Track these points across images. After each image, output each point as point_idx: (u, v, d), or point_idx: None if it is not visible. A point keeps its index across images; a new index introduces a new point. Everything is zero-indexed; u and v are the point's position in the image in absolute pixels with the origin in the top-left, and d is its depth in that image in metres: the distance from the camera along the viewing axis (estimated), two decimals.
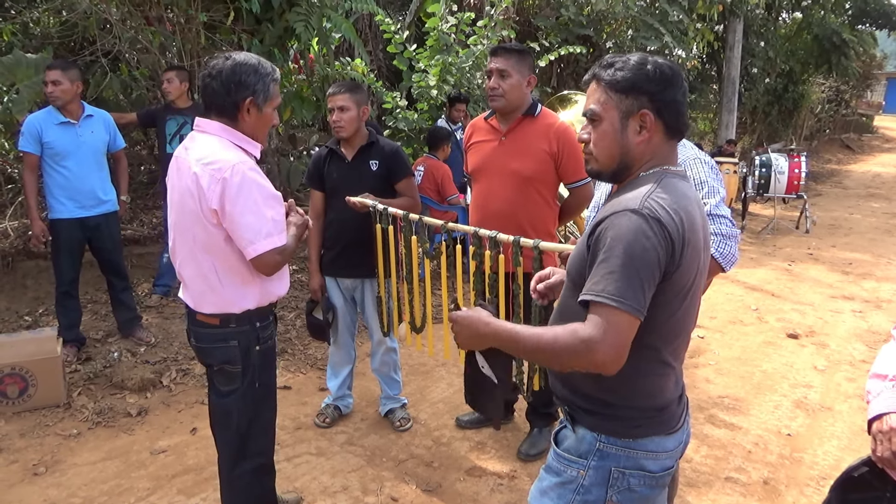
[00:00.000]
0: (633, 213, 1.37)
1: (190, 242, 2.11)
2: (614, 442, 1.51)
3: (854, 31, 16.11)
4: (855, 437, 3.54)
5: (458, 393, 3.96)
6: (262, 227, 2.03)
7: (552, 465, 1.62)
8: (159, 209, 5.34)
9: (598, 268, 1.38)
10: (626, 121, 1.48)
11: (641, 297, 1.35)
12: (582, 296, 1.39)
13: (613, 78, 1.48)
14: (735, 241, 2.18)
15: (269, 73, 2.11)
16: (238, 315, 2.17)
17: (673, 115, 1.48)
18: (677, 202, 1.41)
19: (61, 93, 3.82)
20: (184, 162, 2.09)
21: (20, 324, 4.50)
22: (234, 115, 2.09)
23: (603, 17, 9.06)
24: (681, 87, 1.49)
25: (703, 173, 2.26)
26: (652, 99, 1.46)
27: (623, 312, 1.34)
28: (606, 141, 1.51)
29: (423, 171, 5.55)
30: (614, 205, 1.43)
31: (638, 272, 1.35)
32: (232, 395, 2.24)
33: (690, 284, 1.46)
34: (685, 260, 1.41)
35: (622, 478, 1.51)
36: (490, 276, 2.68)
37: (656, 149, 1.50)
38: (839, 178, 15.22)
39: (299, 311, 4.97)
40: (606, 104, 1.49)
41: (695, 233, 1.43)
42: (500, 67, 2.90)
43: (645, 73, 1.46)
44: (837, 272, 6.98)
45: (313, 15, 4.98)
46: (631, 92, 1.47)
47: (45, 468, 3.11)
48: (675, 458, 1.59)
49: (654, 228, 1.36)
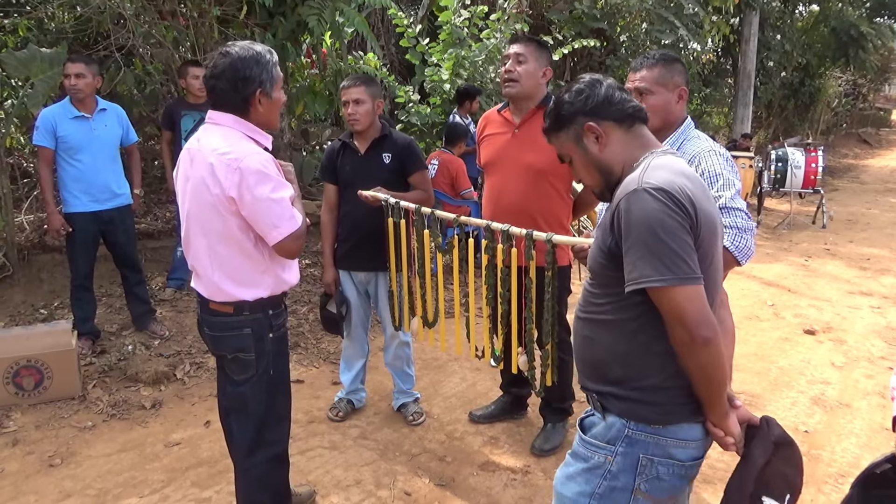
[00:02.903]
0: (634, 194, 1.43)
1: (205, 232, 2.14)
2: (643, 429, 1.52)
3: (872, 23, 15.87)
4: (874, 435, 3.50)
5: (471, 387, 3.95)
6: (284, 213, 2.07)
7: (578, 451, 1.63)
8: (173, 203, 5.36)
9: (629, 255, 1.43)
10: (583, 143, 1.60)
11: (683, 264, 1.38)
12: (630, 286, 1.43)
13: (547, 129, 1.67)
14: (751, 234, 2.14)
15: (269, 59, 2.12)
16: (251, 303, 2.19)
17: (611, 109, 1.58)
18: (671, 171, 1.47)
19: (85, 86, 3.85)
20: (198, 153, 2.11)
21: (36, 317, 4.53)
22: (246, 109, 2.12)
23: (617, 10, 8.98)
24: (600, 85, 1.60)
25: (719, 165, 2.22)
26: (584, 113, 1.58)
27: (678, 287, 1.37)
28: (585, 169, 1.64)
29: (437, 164, 5.52)
30: (617, 195, 1.50)
31: (666, 243, 1.38)
32: (247, 383, 2.25)
33: (713, 254, 1.49)
34: (701, 221, 1.43)
35: (651, 465, 1.52)
36: (502, 270, 2.66)
37: (623, 144, 1.59)
38: (856, 172, 15.04)
39: (312, 304, 4.97)
40: (563, 145, 1.65)
41: (699, 199, 1.45)
42: (518, 52, 2.88)
43: (563, 104, 1.61)
44: (855, 268, 6.89)
45: (326, 9, 4.97)
46: (564, 124, 1.62)
47: (60, 460, 3.13)
48: (704, 448, 1.58)
49: (661, 197, 1.40)
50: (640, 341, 1.51)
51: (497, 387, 3.68)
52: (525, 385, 3.45)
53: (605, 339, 1.57)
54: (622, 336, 1.53)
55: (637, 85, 2.29)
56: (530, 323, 2.61)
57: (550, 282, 2.47)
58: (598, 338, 1.59)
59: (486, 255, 2.72)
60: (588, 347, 1.63)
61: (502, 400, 3.56)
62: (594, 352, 1.61)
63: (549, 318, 2.54)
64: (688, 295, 1.37)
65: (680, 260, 1.37)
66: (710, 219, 1.46)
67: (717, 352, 1.41)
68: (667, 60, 2.29)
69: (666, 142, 2.33)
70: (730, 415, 1.51)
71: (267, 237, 2.10)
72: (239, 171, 2.01)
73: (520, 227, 2.57)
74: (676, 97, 2.31)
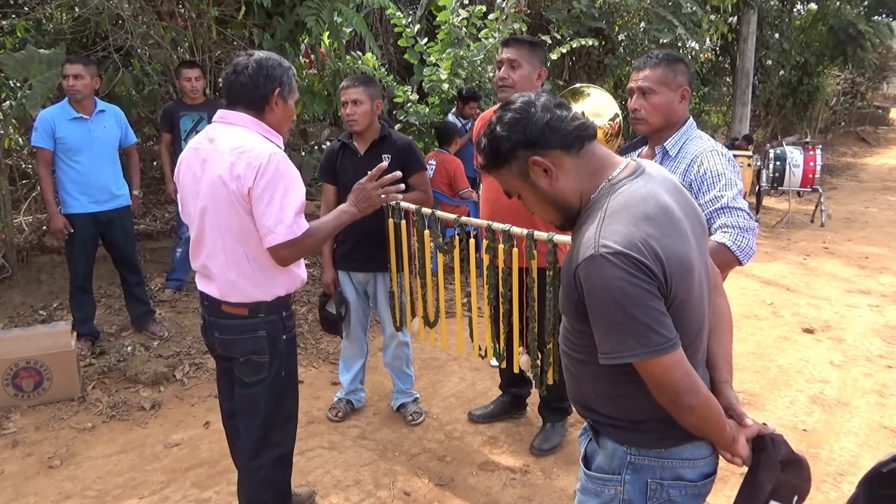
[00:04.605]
0: (592, 261, 1.29)
1: (221, 232, 2.14)
2: (645, 454, 1.45)
3: (870, 22, 15.86)
4: (872, 433, 3.50)
5: (470, 387, 3.95)
6: (285, 218, 2.06)
7: (587, 486, 1.55)
8: (171, 204, 5.36)
9: (596, 327, 1.34)
10: (530, 179, 1.42)
11: (654, 334, 1.27)
12: (602, 360, 1.34)
13: (485, 167, 1.47)
14: (753, 233, 2.14)
15: (289, 67, 2.20)
16: (269, 303, 2.20)
17: (554, 136, 1.38)
18: (631, 217, 1.31)
19: (83, 87, 3.84)
20: (213, 152, 2.11)
21: (35, 318, 4.53)
22: (263, 108, 2.15)
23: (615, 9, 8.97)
24: (535, 107, 1.39)
25: (721, 165, 2.23)
26: (524, 146, 1.39)
27: (651, 360, 1.29)
28: (539, 205, 1.47)
29: (434, 165, 5.53)
30: (577, 247, 1.36)
31: (633, 316, 1.27)
32: (259, 384, 2.26)
33: (689, 288, 1.37)
34: (670, 272, 1.31)
35: (661, 489, 1.45)
36: (503, 271, 2.66)
37: (576, 172, 1.41)
38: (855, 171, 15.04)
39: (311, 304, 4.97)
40: (508, 182, 1.47)
41: (665, 245, 1.31)
42: (511, 57, 2.88)
43: (498, 139, 1.41)
44: (853, 266, 6.90)
45: (324, 9, 4.96)
46: (505, 161, 1.43)
47: (60, 461, 3.13)
48: (715, 463, 1.50)
49: (621, 263, 1.27)
50: (624, 381, 1.39)
51: (496, 387, 3.69)
52: (524, 385, 3.45)
53: (588, 378, 1.48)
54: (604, 377, 1.43)
55: (640, 84, 2.30)
56: (532, 322, 2.62)
57: (552, 281, 2.48)
58: (581, 375, 1.50)
59: (487, 256, 2.72)
60: (573, 382, 1.54)
61: (501, 400, 3.57)
62: (579, 388, 1.53)
63: (550, 317, 2.55)
64: (663, 366, 1.28)
65: (649, 331, 1.27)
66: (680, 259, 1.32)
67: (704, 413, 1.34)
68: (670, 60, 2.30)
69: (668, 142, 2.33)
70: (737, 439, 1.43)
71: (263, 238, 2.09)
72: (258, 169, 2.02)
73: (518, 226, 2.57)
74: (679, 97, 2.31)
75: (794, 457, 1.46)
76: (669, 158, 2.34)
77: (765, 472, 1.44)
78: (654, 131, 2.37)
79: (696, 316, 1.40)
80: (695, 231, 1.42)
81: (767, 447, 1.45)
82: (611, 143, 4.95)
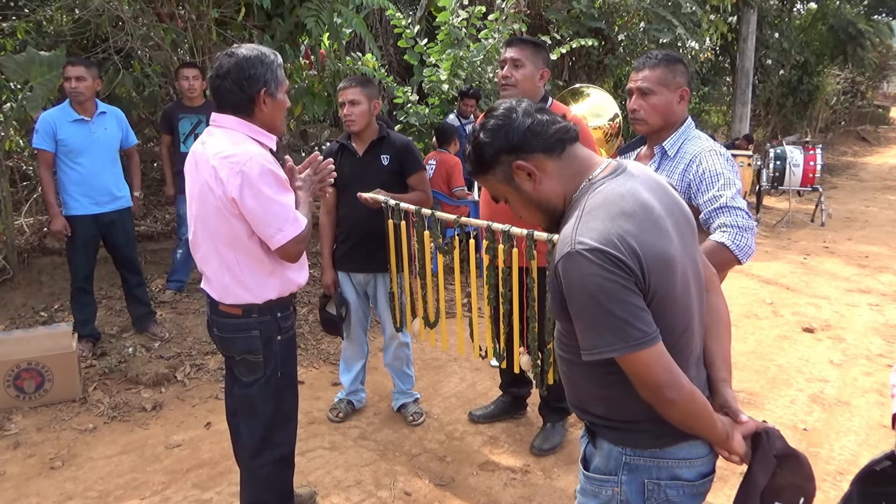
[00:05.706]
0: (569, 258, 1.30)
1: (212, 236, 2.15)
2: (640, 454, 1.45)
3: (870, 21, 15.88)
4: (872, 432, 3.51)
5: (471, 387, 3.96)
6: (287, 216, 2.08)
7: (586, 488, 1.56)
8: (172, 205, 5.37)
9: (576, 323, 1.35)
10: (515, 182, 1.45)
11: (632, 329, 1.28)
12: (584, 356, 1.35)
13: (472, 173, 1.51)
14: (752, 232, 2.15)
15: (273, 59, 2.13)
16: (260, 305, 2.20)
17: (536, 140, 1.41)
18: (609, 213, 1.32)
19: (85, 88, 3.85)
20: (202, 156, 2.11)
21: (36, 319, 4.54)
22: (250, 109, 2.12)
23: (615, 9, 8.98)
24: (517, 113, 1.42)
25: (719, 165, 2.24)
26: (508, 151, 1.42)
27: (631, 354, 1.29)
28: (525, 209, 1.50)
29: (434, 165, 5.54)
30: (558, 244, 1.38)
31: (611, 311, 1.28)
32: (255, 384, 2.27)
33: (671, 285, 1.36)
34: (648, 267, 1.31)
35: (658, 490, 1.45)
36: (504, 271, 2.67)
37: (559, 175, 1.43)
38: (855, 170, 15.04)
39: (312, 305, 4.98)
40: (493, 187, 1.50)
41: (643, 241, 1.31)
42: (514, 57, 2.88)
43: (482, 146, 1.44)
44: (854, 265, 6.90)
45: (324, 10, 4.97)
46: (489, 167, 1.45)
47: (61, 462, 3.13)
48: (713, 462, 1.50)
49: (597, 259, 1.27)
50: (614, 382, 1.40)
51: (496, 387, 3.69)
52: (524, 385, 3.46)
53: (580, 379, 1.50)
54: (595, 379, 1.45)
55: (639, 85, 2.31)
56: (532, 322, 2.62)
57: None
58: (575, 376, 1.51)
59: (487, 256, 2.73)
60: (568, 383, 1.56)
61: (502, 400, 3.57)
62: (574, 389, 1.54)
63: (550, 317, 2.55)
64: (643, 360, 1.29)
65: (627, 325, 1.27)
66: (660, 255, 1.32)
67: (687, 408, 1.34)
68: (669, 61, 2.30)
69: (667, 142, 2.34)
70: (732, 436, 1.42)
71: (269, 241, 2.10)
72: (241, 174, 2.01)
73: (518, 227, 2.57)
74: (678, 97, 2.32)
75: (790, 451, 1.45)
76: (668, 158, 2.34)
77: (759, 465, 1.44)
78: (653, 131, 2.38)
79: (681, 312, 1.40)
80: (679, 228, 1.42)
81: (762, 441, 1.45)
82: (610, 143, 4.97)
